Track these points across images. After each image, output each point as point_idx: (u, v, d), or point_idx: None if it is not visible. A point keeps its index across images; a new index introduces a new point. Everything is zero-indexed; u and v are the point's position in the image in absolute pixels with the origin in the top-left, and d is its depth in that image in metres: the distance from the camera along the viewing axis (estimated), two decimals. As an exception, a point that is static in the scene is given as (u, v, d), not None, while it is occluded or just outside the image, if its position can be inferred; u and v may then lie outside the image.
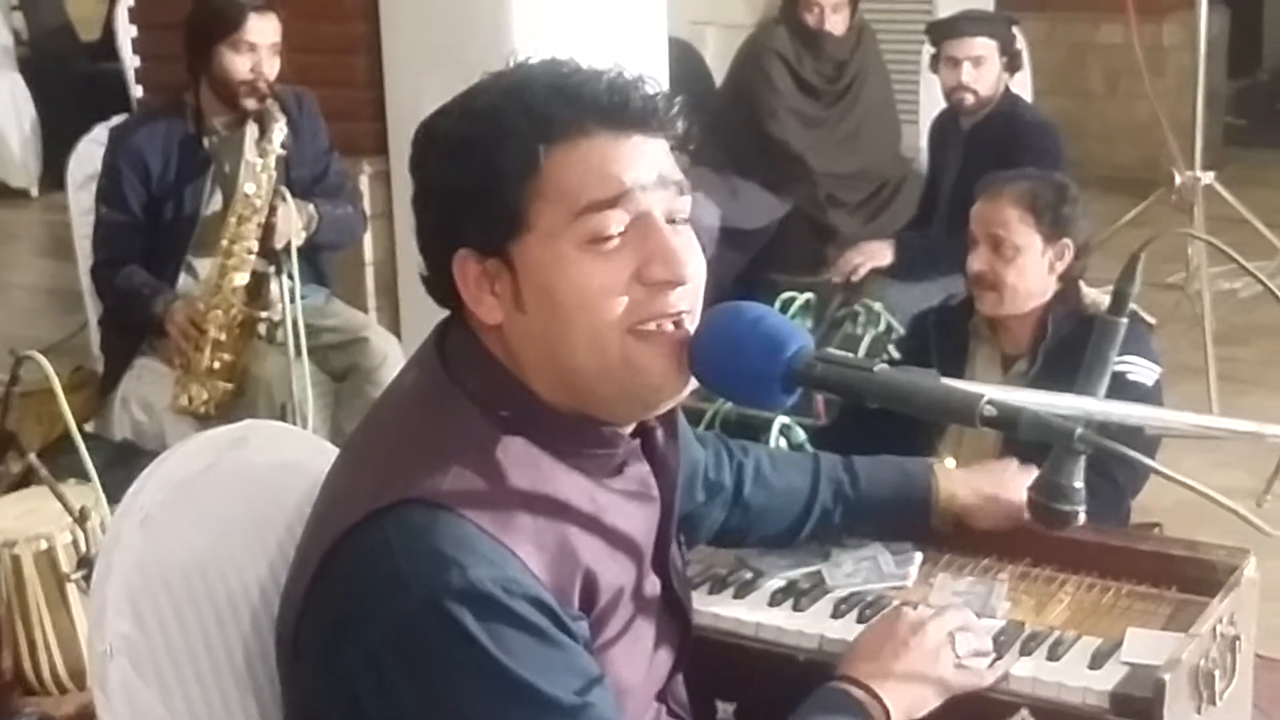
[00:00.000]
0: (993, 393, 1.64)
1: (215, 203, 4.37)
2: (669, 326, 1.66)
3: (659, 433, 1.80)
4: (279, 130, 4.20)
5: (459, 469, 1.61)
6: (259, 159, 4.20)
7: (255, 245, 4.17)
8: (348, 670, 1.60)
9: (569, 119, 1.62)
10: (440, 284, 1.70)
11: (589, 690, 1.59)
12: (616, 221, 1.62)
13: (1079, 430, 1.62)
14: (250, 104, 4.27)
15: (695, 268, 1.67)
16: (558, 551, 1.63)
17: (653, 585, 1.80)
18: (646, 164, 1.65)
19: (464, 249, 1.65)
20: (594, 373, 1.64)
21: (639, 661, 1.78)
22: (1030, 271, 3.41)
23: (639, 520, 1.76)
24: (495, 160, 1.62)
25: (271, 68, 4.28)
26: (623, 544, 1.72)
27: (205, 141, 4.39)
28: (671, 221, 1.66)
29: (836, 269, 5.24)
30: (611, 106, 1.63)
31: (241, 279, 4.20)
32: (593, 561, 1.66)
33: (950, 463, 2.30)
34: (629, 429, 1.74)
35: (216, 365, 4.20)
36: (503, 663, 1.54)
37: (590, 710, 1.57)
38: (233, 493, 1.90)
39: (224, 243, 4.20)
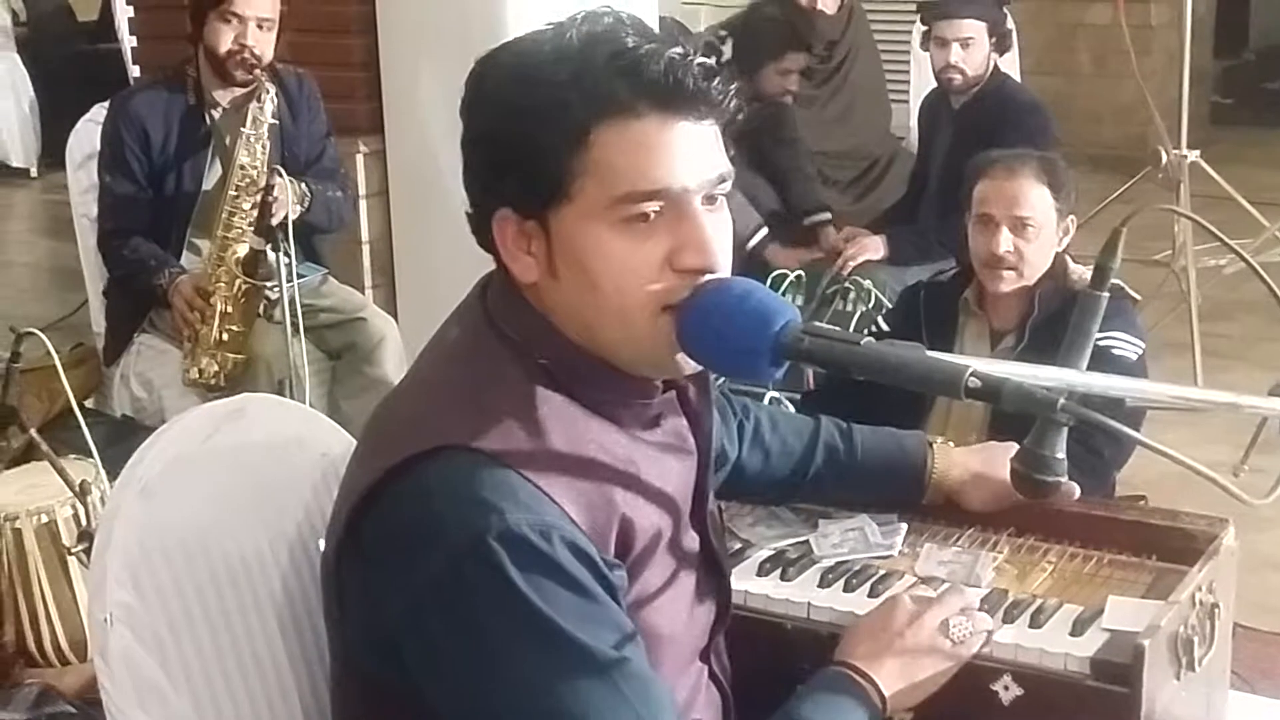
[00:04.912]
0: (977, 365, 1.67)
1: (215, 178, 4.38)
2: None
3: (691, 389, 1.83)
4: (270, 100, 4.23)
5: (498, 417, 1.62)
6: (252, 130, 4.22)
7: (255, 218, 4.19)
8: (388, 618, 1.62)
9: (623, 98, 1.61)
10: (483, 232, 1.69)
11: (624, 645, 1.59)
12: (653, 206, 1.63)
13: (1061, 401, 1.63)
14: (239, 75, 4.29)
15: (725, 251, 1.68)
16: (594, 498, 1.64)
17: (691, 540, 1.81)
18: (690, 154, 1.63)
19: (504, 207, 1.65)
20: (620, 341, 1.67)
21: (679, 614, 1.79)
22: (1047, 246, 3.40)
23: (676, 473, 1.77)
24: (543, 130, 1.60)
25: (260, 42, 4.29)
26: (658, 496, 1.73)
27: (206, 116, 4.40)
28: (711, 199, 1.67)
29: (833, 264, 5.21)
30: (667, 89, 1.61)
31: (244, 250, 4.22)
32: (628, 509, 1.67)
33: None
34: (659, 381, 1.75)
35: (225, 337, 4.22)
36: (540, 610, 1.54)
37: (625, 664, 1.58)
38: (230, 464, 1.92)
39: (223, 215, 4.22)
